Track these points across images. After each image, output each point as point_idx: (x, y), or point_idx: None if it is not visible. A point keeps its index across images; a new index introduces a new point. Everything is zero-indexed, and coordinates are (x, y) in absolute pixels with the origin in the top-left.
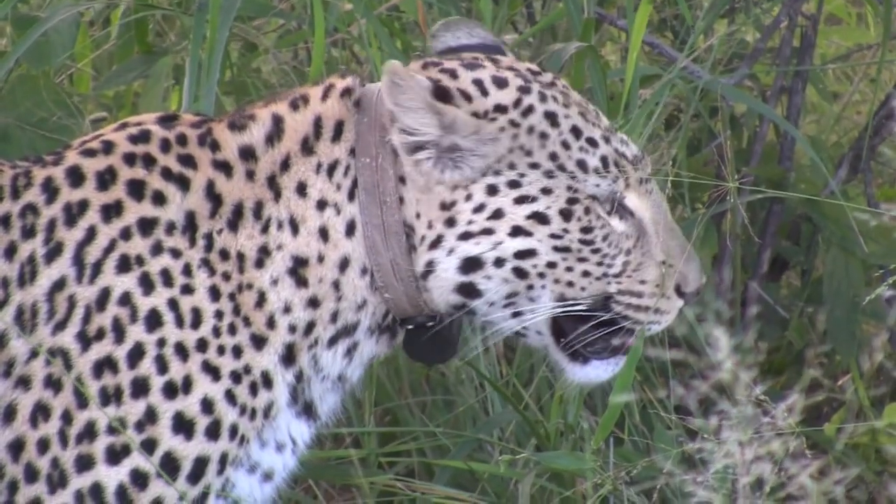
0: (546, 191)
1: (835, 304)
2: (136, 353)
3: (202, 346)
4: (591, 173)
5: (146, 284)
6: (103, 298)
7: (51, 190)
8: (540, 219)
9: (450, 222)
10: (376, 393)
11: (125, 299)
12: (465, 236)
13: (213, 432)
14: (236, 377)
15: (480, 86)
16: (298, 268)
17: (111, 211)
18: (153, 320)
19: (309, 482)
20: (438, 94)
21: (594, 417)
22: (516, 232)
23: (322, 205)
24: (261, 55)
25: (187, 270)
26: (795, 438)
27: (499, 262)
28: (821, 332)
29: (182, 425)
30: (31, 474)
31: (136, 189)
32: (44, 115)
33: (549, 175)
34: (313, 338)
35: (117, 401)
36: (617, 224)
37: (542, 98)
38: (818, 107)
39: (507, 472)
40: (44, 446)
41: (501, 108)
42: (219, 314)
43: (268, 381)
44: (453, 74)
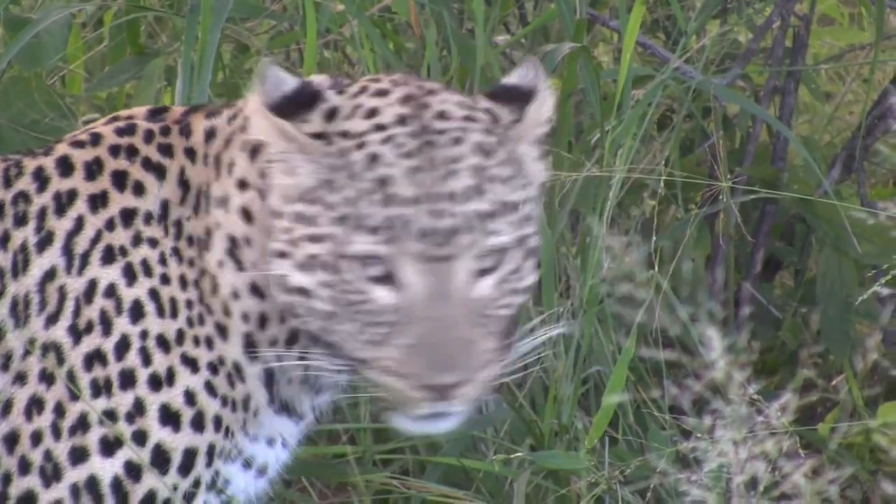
0: (327, 237)
1: (828, 305)
2: (122, 345)
3: (181, 337)
4: (360, 234)
5: (129, 275)
6: (91, 290)
7: (42, 178)
8: (316, 263)
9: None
10: None
11: (110, 291)
12: (281, 255)
13: (198, 424)
14: (213, 368)
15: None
16: (234, 248)
17: (98, 201)
18: (136, 311)
19: (303, 481)
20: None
21: (588, 418)
22: (301, 267)
23: (243, 185)
24: (253, 56)
25: (163, 259)
26: (789, 438)
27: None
28: (814, 333)
29: (169, 417)
30: (24, 466)
31: (120, 180)
32: (36, 116)
33: (336, 221)
34: (270, 334)
35: (108, 393)
36: (381, 294)
37: (385, 141)
38: (811, 107)
39: (502, 471)
40: (37, 439)
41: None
42: (189, 303)
43: (240, 372)
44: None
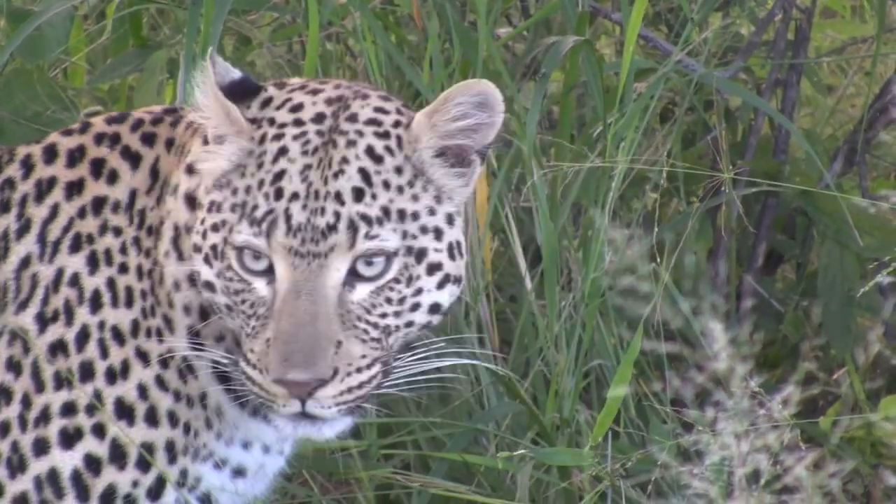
0: (224, 224)
1: (830, 298)
2: (82, 336)
3: (135, 328)
4: (245, 223)
5: (92, 264)
6: (58, 279)
7: (28, 166)
8: (214, 253)
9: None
10: None
11: (74, 280)
12: (196, 248)
13: (151, 419)
14: (164, 362)
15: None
16: (177, 238)
17: (74, 189)
18: (95, 301)
19: (305, 475)
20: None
21: (590, 411)
22: (206, 260)
23: (191, 170)
24: (255, 49)
25: (123, 249)
26: (791, 431)
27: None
28: (816, 326)
29: (124, 411)
30: None
31: (97, 167)
32: (38, 108)
33: (233, 207)
34: (216, 328)
35: (69, 384)
36: (260, 286)
37: (297, 137)
38: (813, 100)
39: (506, 466)
40: (5, 430)
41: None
42: (144, 294)
43: (190, 367)
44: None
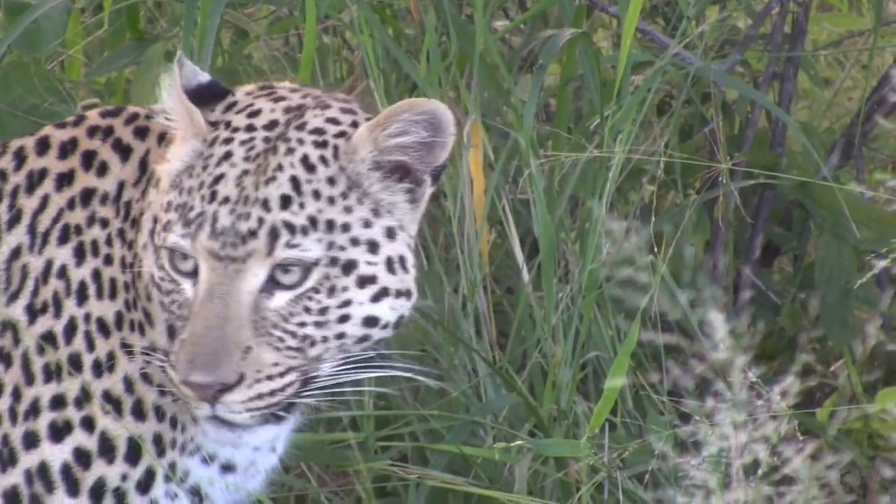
0: (168, 224)
1: (827, 290)
2: (70, 329)
3: (119, 321)
4: (180, 224)
5: (79, 255)
6: (47, 270)
7: (20, 157)
8: (160, 254)
9: None
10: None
11: (62, 272)
12: (144, 246)
13: (139, 412)
14: (146, 356)
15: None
16: (154, 230)
17: (64, 180)
18: (82, 293)
19: (302, 467)
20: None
21: (587, 403)
22: (154, 260)
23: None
24: (252, 42)
25: (109, 240)
26: (788, 422)
27: None
28: (813, 318)
29: (111, 404)
30: None
31: (88, 159)
32: (35, 101)
33: (175, 207)
34: None
35: (58, 377)
36: (187, 287)
37: (245, 142)
38: (810, 93)
39: (503, 458)
40: None
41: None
42: (127, 286)
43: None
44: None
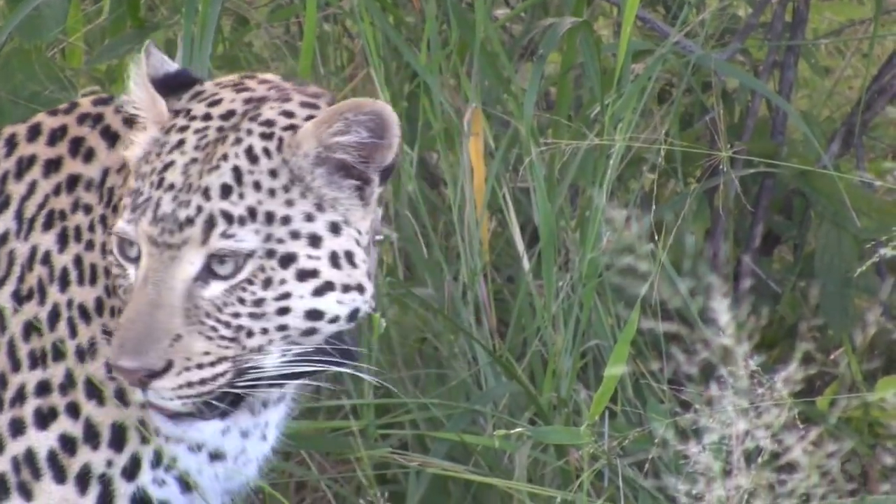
0: (123, 209)
1: (827, 279)
2: (54, 315)
3: (100, 306)
4: (128, 210)
5: (62, 241)
6: (32, 256)
7: (12, 144)
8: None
9: None
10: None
11: (46, 258)
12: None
13: (121, 398)
14: None
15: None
16: None
17: (51, 167)
18: (64, 279)
19: (303, 454)
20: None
21: (587, 391)
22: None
23: None
24: (253, 29)
25: (91, 226)
26: (789, 410)
27: None
28: (813, 307)
29: (93, 391)
30: None
31: (76, 146)
32: (36, 88)
33: (130, 194)
34: None
35: (43, 364)
36: (132, 273)
37: (198, 130)
38: (810, 82)
39: (503, 445)
40: None
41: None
42: (107, 272)
43: None
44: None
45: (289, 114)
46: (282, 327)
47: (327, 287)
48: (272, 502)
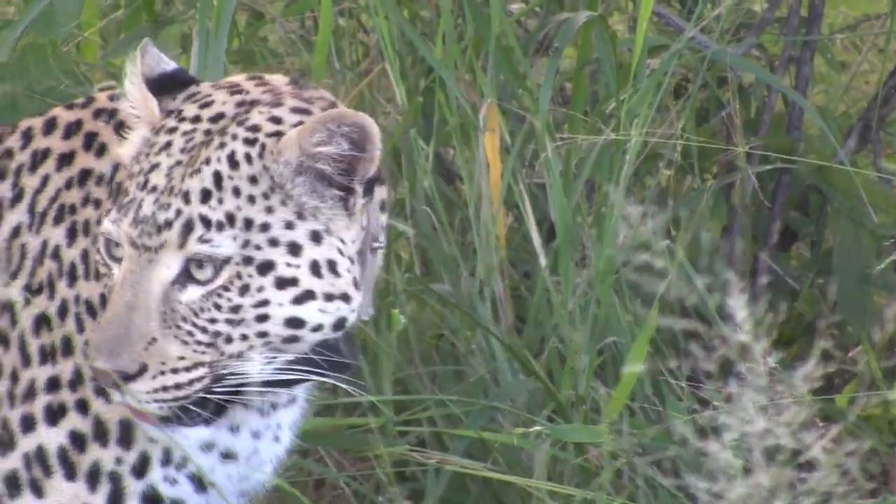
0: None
1: (845, 275)
2: (62, 310)
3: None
4: (114, 210)
5: (71, 235)
6: (43, 251)
7: (27, 137)
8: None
9: None
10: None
11: (56, 252)
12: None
13: None
14: None
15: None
16: None
17: (65, 161)
18: (72, 274)
19: (320, 452)
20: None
21: (605, 388)
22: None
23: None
24: (268, 24)
25: (100, 221)
26: (808, 408)
27: None
28: (831, 303)
29: (100, 387)
30: None
31: (89, 141)
32: (52, 83)
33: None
34: None
35: (52, 359)
36: (116, 274)
37: (186, 132)
38: (826, 77)
39: (521, 443)
40: None
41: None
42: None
43: None
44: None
45: (276, 119)
46: (262, 334)
47: (308, 296)
48: (291, 501)
